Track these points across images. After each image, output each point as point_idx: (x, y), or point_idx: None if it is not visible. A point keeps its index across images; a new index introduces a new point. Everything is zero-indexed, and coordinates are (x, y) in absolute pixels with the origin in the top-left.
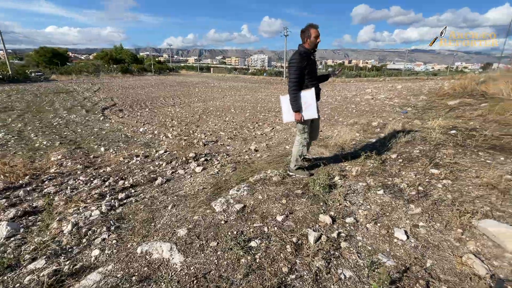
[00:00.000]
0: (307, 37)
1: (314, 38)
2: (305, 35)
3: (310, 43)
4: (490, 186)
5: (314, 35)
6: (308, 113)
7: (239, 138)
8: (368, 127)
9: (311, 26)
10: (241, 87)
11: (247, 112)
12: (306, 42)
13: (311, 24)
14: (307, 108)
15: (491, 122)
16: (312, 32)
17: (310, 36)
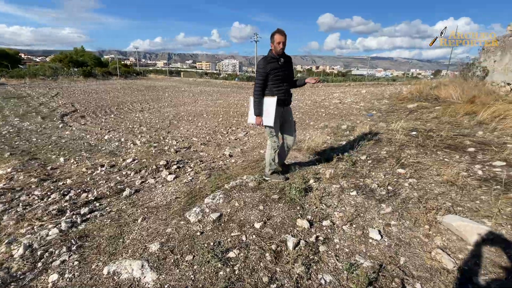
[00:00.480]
0: (272, 42)
1: (277, 44)
2: (271, 41)
3: (274, 49)
4: (450, 183)
5: (277, 41)
6: (266, 119)
7: (212, 144)
8: (338, 130)
9: (276, 32)
10: (213, 91)
11: (220, 117)
12: (272, 47)
13: (276, 30)
14: (267, 115)
15: (445, 123)
16: (275, 38)
17: (274, 42)
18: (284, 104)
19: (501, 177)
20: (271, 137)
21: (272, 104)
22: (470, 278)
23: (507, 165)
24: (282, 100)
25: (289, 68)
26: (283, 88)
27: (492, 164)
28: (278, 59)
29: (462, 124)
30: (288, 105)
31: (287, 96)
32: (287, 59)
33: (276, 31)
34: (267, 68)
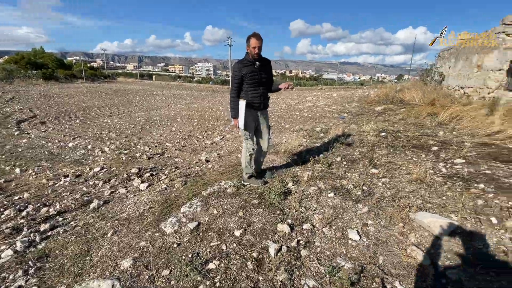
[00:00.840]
0: (248, 46)
1: (252, 48)
2: (247, 44)
3: (250, 52)
4: (419, 181)
5: (253, 45)
6: (240, 122)
7: (188, 149)
8: (313, 132)
9: (251, 35)
10: (187, 95)
11: (195, 121)
12: (248, 51)
13: (252, 33)
14: (241, 117)
15: (410, 124)
16: (251, 42)
17: (249, 45)
18: (260, 108)
19: (462, 173)
20: (245, 139)
21: (241, 107)
22: (443, 272)
23: (466, 162)
24: (257, 104)
25: (267, 72)
26: (259, 92)
27: (454, 161)
28: (253, 63)
29: (425, 124)
30: (265, 109)
31: (263, 99)
32: (264, 62)
33: (252, 35)
34: (242, 71)
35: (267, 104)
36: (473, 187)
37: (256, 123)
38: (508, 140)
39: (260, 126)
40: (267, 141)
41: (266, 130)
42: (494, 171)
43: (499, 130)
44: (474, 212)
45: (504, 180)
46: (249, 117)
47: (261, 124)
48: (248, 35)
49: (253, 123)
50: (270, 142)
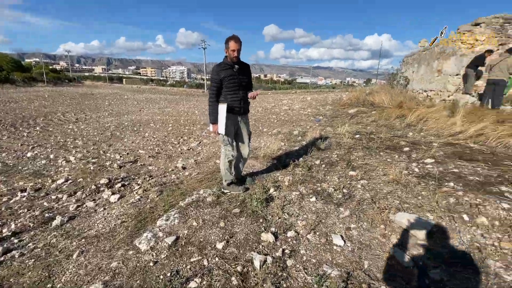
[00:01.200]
0: (226, 49)
1: (231, 51)
2: (225, 47)
3: (228, 56)
4: (395, 181)
5: (231, 48)
6: (220, 128)
7: (163, 156)
8: (291, 136)
9: (230, 38)
10: (160, 99)
11: (169, 126)
12: (226, 54)
13: (232, 36)
14: (220, 122)
15: (382, 126)
16: (230, 45)
17: (228, 48)
18: (240, 112)
19: (433, 173)
20: (224, 145)
21: (221, 111)
22: (425, 272)
23: (435, 162)
24: (237, 108)
25: (246, 76)
26: (239, 96)
27: (424, 161)
28: (232, 66)
29: (395, 126)
30: (245, 114)
31: (243, 104)
32: (243, 66)
33: (231, 38)
34: (220, 74)
35: (248, 108)
36: (444, 185)
37: (236, 128)
38: (469, 140)
39: (240, 131)
40: (247, 147)
41: (246, 135)
42: (461, 169)
43: (461, 131)
44: (447, 210)
45: (470, 178)
46: (229, 122)
47: (241, 129)
48: (227, 37)
49: (233, 128)
50: (250, 148)
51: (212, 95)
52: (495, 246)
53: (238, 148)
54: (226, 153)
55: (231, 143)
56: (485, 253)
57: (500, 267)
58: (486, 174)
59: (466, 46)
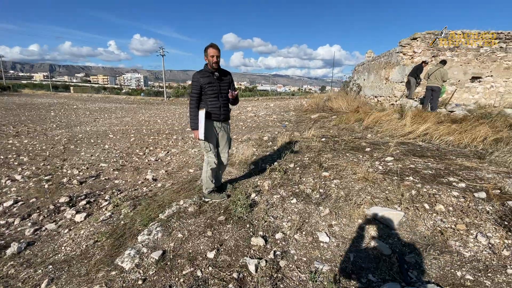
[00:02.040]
0: (206, 56)
1: (210, 57)
2: (205, 54)
3: (208, 63)
4: (364, 179)
5: (210, 54)
6: (201, 134)
7: (129, 168)
8: (261, 141)
9: (209, 46)
10: (116, 108)
11: (131, 137)
12: (206, 61)
13: (210, 44)
14: (201, 128)
15: (343, 130)
16: (209, 52)
17: (207, 55)
18: (219, 119)
19: (394, 169)
20: (206, 152)
21: (200, 117)
22: (404, 258)
23: (394, 160)
24: (217, 115)
25: (226, 83)
26: (219, 103)
27: (385, 159)
28: (212, 73)
29: (355, 129)
30: (226, 121)
31: (224, 111)
32: (224, 74)
33: (210, 45)
34: (200, 81)
35: (228, 115)
36: (405, 180)
37: (216, 135)
38: (417, 139)
39: (220, 138)
40: (227, 154)
41: (226, 142)
42: (416, 165)
43: (410, 131)
44: (411, 201)
45: (424, 172)
46: (210, 128)
47: (222, 136)
48: (206, 45)
49: (214, 134)
50: (228, 156)
51: (192, 102)
52: (452, 228)
53: (219, 155)
54: (209, 160)
55: (213, 150)
56: (446, 235)
57: (460, 246)
58: (436, 168)
59: (407, 57)
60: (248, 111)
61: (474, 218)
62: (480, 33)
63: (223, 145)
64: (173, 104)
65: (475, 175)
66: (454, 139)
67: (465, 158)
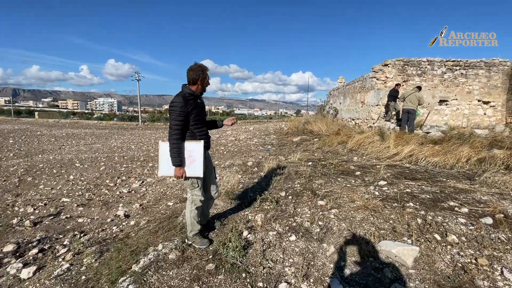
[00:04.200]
0: (200, 79)
1: (207, 82)
2: (197, 76)
3: (202, 86)
4: (364, 207)
5: (208, 80)
6: (192, 170)
7: (96, 203)
8: (246, 167)
9: (207, 69)
10: (86, 134)
11: (101, 165)
12: (196, 84)
13: (203, 66)
14: (191, 163)
15: (328, 153)
16: (206, 76)
17: (203, 79)
18: (207, 147)
19: (391, 194)
20: (192, 189)
21: (198, 150)
22: None
23: (388, 184)
24: (206, 144)
25: (204, 108)
26: (204, 130)
27: (379, 184)
28: (198, 97)
29: (340, 152)
30: (208, 149)
31: (208, 138)
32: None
33: (205, 68)
34: (188, 107)
35: (209, 142)
36: (406, 206)
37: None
38: (403, 161)
39: (209, 168)
40: (215, 185)
41: (213, 172)
42: (411, 189)
43: (396, 153)
44: (420, 232)
45: (422, 196)
46: (206, 160)
47: (208, 167)
48: (200, 66)
49: (207, 168)
50: (218, 187)
51: (176, 132)
52: (474, 264)
53: (207, 188)
54: (194, 198)
55: (200, 186)
56: (470, 274)
57: (490, 286)
58: (432, 191)
59: (380, 82)
60: (228, 134)
61: (493, 250)
62: (442, 60)
63: (212, 177)
64: (148, 129)
65: (473, 198)
66: (439, 160)
67: (455, 180)
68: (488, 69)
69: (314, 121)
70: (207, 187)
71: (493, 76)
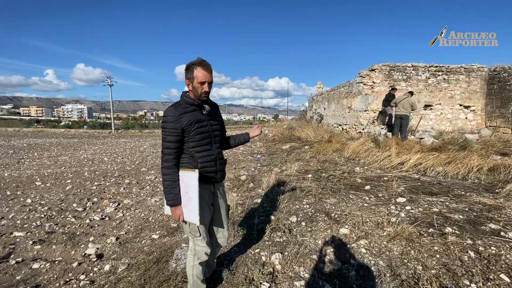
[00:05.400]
0: (189, 80)
1: (198, 84)
2: (187, 77)
3: (194, 91)
4: (398, 236)
5: (199, 80)
6: (189, 212)
7: (59, 237)
8: (240, 183)
9: (196, 64)
10: (51, 144)
11: (67, 183)
12: (190, 88)
13: (197, 61)
14: (188, 202)
15: (324, 162)
16: (196, 74)
17: (193, 80)
18: (216, 179)
19: (419, 216)
20: (193, 237)
21: (192, 184)
22: None
23: (408, 201)
24: (212, 174)
25: (218, 121)
26: (213, 153)
27: (397, 201)
28: (200, 106)
29: (337, 161)
30: (222, 180)
31: (220, 165)
32: (213, 107)
33: (198, 63)
34: (182, 121)
35: (225, 171)
36: (445, 233)
37: (212, 206)
38: (411, 171)
39: (218, 208)
40: (227, 232)
41: (225, 213)
42: (438, 207)
43: (400, 162)
44: (482, 271)
45: (454, 217)
46: (203, 199)
47: (219, 206)
48: (190, 63)
49: (209, 208)
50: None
51: (167, 159)
52: None
53: (213, 233)
54: (197, 250)
55: (204, 235)
56: None
57: None
58: (461, 210)
59: (367, 87)
60: None
61: None
62: (426, 66)
63: (221, 219)
64: (122, 137)
65: (507, 216)
66: (449, 170)
67: (476, 193)
68: (468, 75)
69: (300, 127)
70: (212, 231)
71: (473, 81)
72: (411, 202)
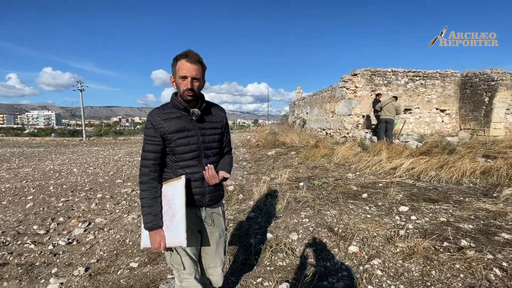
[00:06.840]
0: (174, 75)
1: (179, 79)
2: (172, 72)
3: (177, 89)
4: (413, 252)
5: (181, 74)
6: (172, 234)
7: (14, 270)
8: (227, 194)
9: (182, 56)
10: (12, 154)
11: (28, 200)
12: (174, 87)
13: (183, 52)
14: (171, 221)
15: (314, 168)
16: (179, 66)
17: (175, 74)
18: (203, 202)
19: (428, 227)
20: (178, 271)
21: (177, 194)
22: None
23: (411, 210)
24: (199, 195)
25: (215, 129)
26: (200, 171)
27: (400, 210)
28: (186, 110)
29: (327, 167)
30: (215, 204)
31: (208, 186)
32: (210, 110)
33: (182, 55)
34: (163, 127)
35: (221, 193)
36: (462, 247)
37: (199, 234)
38: (404, 176)
39: (207, 239)
40: (220, 268)
41: (218, 245)
42: (443, 215)
43: (392, 167)
44: None
45: (465, 228)
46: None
47: (209, 234)
48: (176, 56)
49: (194, 236)
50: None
51: (144, 171)
52: None
53: (203, 271)
54: (184, 287)
55: (190, 269)
56: None
57: None
58: (467, 218)
59: (350, 92)
60: None
61: None
62: (405, 71)
63: (212, 252)
64: (94, 145)
65: None
66: (443, 174)
67: (474, 199)
68: (443, 80)
69: (284, 132)
70: (201, 269)
71: (447, 86)
72: (415, 211)
